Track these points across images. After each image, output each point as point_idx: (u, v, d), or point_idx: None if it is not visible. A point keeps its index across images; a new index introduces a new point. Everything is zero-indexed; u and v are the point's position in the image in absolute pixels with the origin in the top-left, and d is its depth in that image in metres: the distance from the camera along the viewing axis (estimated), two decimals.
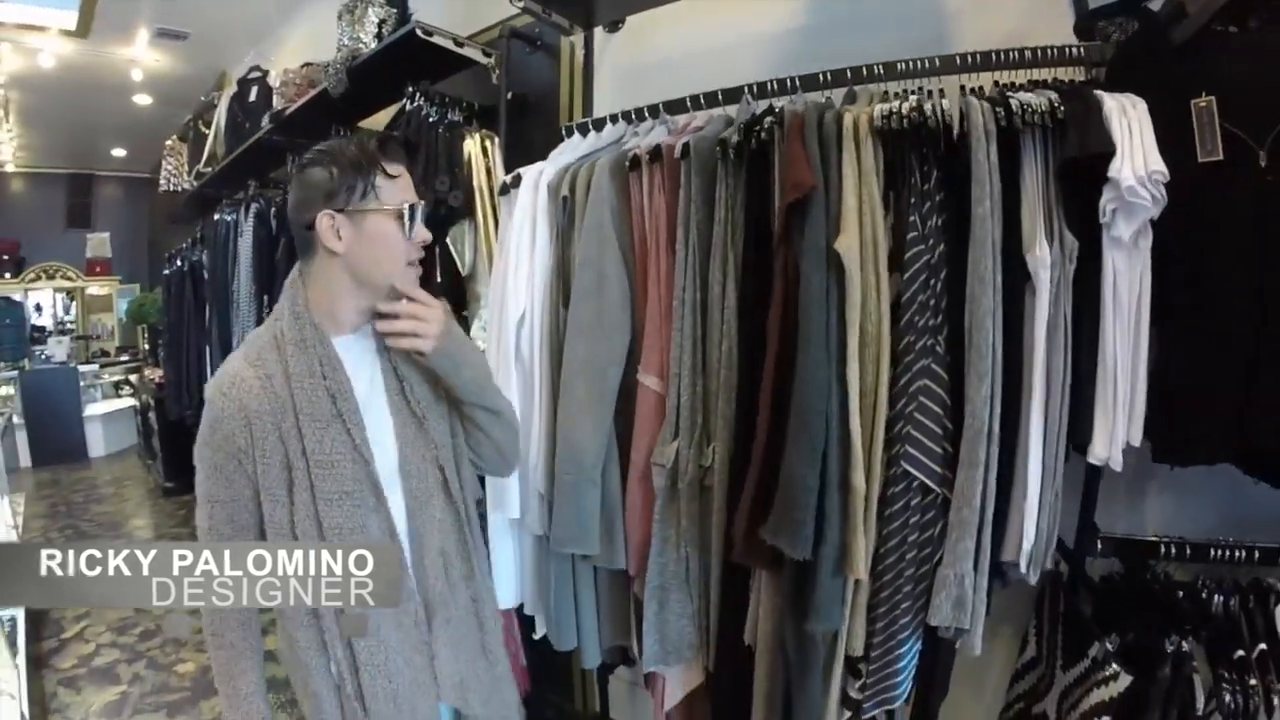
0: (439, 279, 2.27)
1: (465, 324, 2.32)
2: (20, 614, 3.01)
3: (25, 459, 7.07)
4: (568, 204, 1.59)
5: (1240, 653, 1.21)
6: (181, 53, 5.44)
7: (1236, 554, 1.30)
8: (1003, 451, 1.18)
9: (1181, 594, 1.35)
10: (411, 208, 1.07)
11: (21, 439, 7.03)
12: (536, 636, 1.79)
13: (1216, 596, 1.32)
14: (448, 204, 2.12)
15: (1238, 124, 1.16)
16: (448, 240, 2.21)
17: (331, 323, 1.09)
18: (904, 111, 1.19)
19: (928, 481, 1.21)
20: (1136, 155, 1.09)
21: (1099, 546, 1.40)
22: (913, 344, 1.21)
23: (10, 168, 8.59)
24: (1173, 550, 1.35)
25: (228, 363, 1.09)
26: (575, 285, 1.55)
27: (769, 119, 1.32)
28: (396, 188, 1.08)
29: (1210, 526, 1.42)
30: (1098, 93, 1.17)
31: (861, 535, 1.21)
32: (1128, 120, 1.11)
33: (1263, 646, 1.22)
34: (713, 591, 1.48)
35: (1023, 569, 1.25)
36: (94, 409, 7.64)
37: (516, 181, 1.70)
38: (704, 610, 1.51)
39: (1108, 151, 1.09)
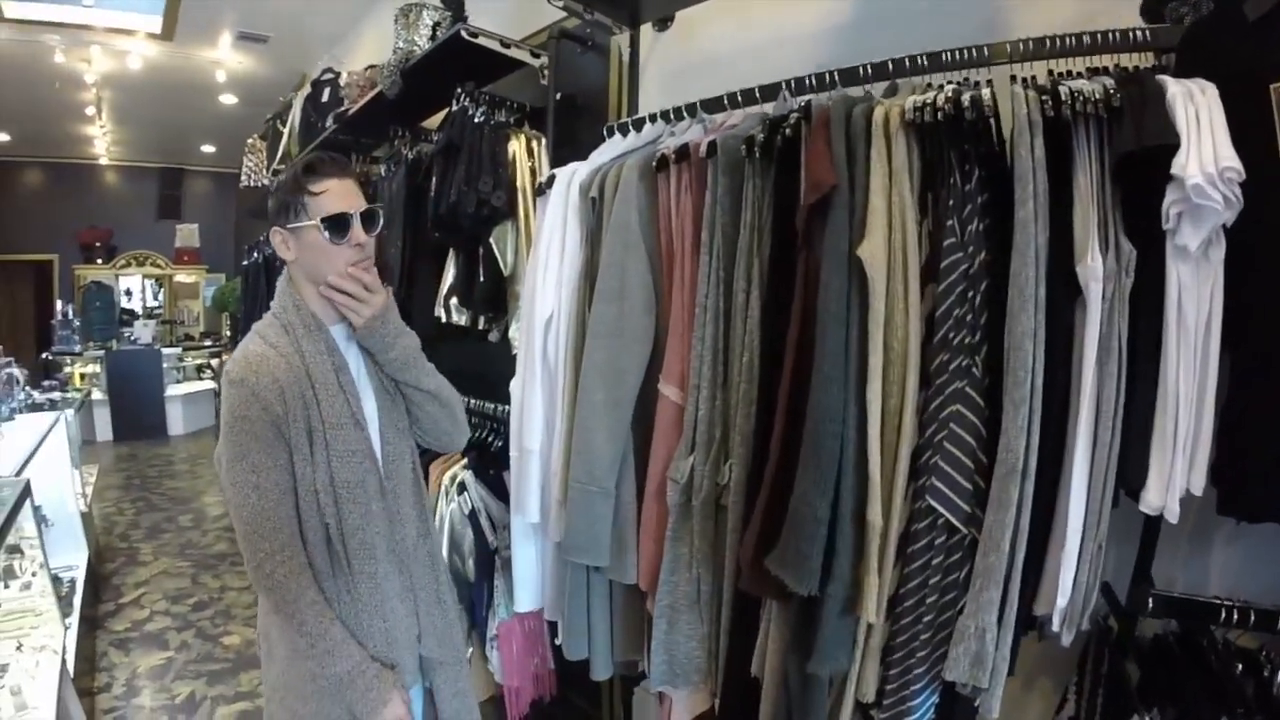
0: (481, 279, 2.27)
1: (507, 325, 2.31)
2: (80, 576, 3.19)
3: (107, 433, 7.54)
4: (597, 205, 1.54)
5: None
6: (263, 55, 5.71)
7: None
8: (1041, 492, 1.04)
9: (1240, 667, 1.19)
10: (335, 218, 1.22)
11: (103, 414, 7.48)
12: (557, 642, 1.75)
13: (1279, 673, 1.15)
14: (490, 204, 2.11)
15: None
16: (490, 240, 2.21)
17: (321, 314, 1.29)
18: (939, 103, 1.06)
19: (954, 520, 1.08)
20: (1205, 148, 0.92)
21: (1150, 604, 1.22)
22: (946, 364, 1.08)
23: (105, 160, 9.24)
24: (1234, 615, 1.17)
25: (245, 349, 1.24)
26: (598, 288, 1.49)
27: (795, 114, 1.23)
28: (321, 202, 1.23)
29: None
30: (1160, 77, 1.00)
31: (875, 574, 1.09)
32: (1194, 108, 0.94)
33: None
34: (724, 616, 1.39)
35: (1055, 627, 1.10)
36: (175, 390, 8.09)
37: (551, 182, 1.67)
38: (714, 635, 1.43)
39: (1170, 144, 0.93)
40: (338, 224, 1.22)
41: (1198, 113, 0.94)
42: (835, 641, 1.13)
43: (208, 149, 9.35)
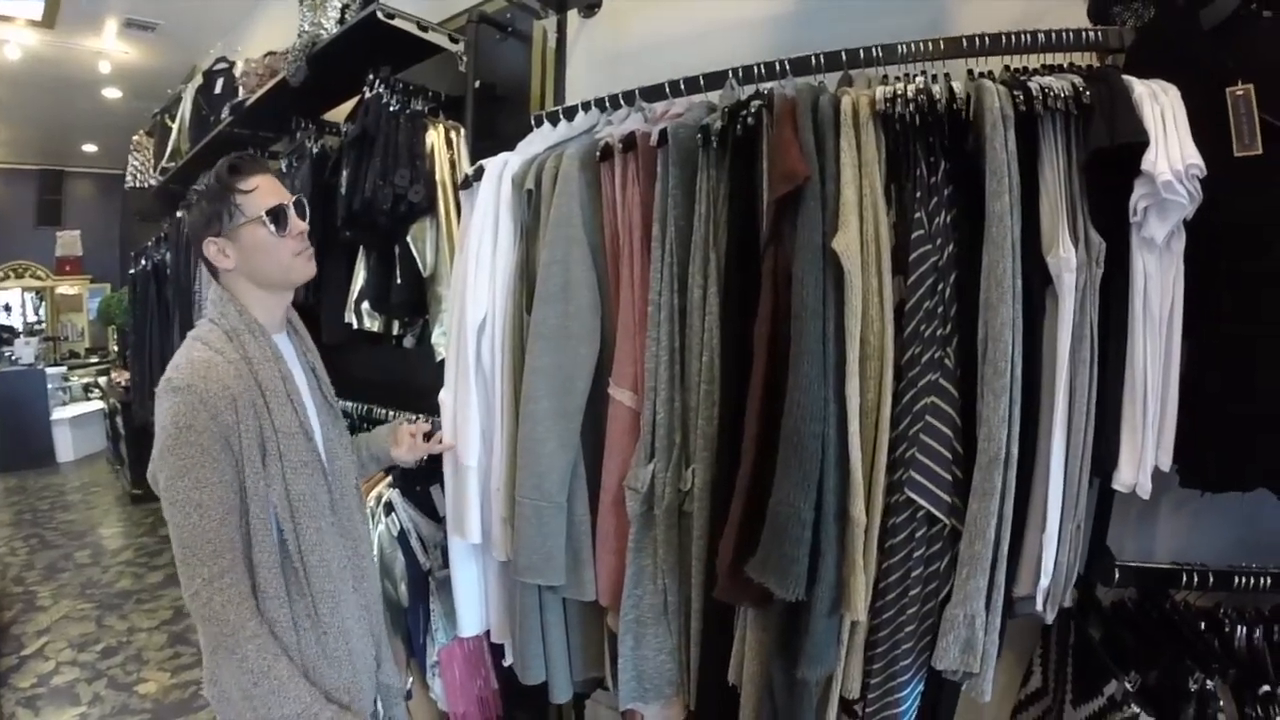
0: (398, 280, 2.12)
1: (426, 328, 2.18)
2: None
3: None
4: (532, 198, 1.45)
5: (1266, 688, 1.13)
6: (151, 44, 5.28)
7: (1262, 581, 1.21)
8: (1020, 478, 1.05)
9: (1204, 625, 1.25)
10: (274, 211, 1.21)
11: None
12: (506, 664, 1.66)
13: (1240, 628, 1.23)
14: (408, 199, 1.97)
15: (1278, 115, 1.04)
16: (408, 239, 2.06)
17: (265, 321, 1.24)
18: (910, 94, 1.05)
19: (935, 511, 1.08)
20: (1172, 147, 0.97)
21: (1116, 575, 1.28)
22: (918, 356, 1.07)
23: None
24: (1195, 579, 1.25)
25: (187, 355, 1.14)
26: (539, 288, 1.40)
27: (756, 102, 1.18)
28: (253, 198, 1.20)
29: (1225, 549, 1.34)
30: (1126, 77, 1.04)
31: (861, 572, 1.07)
32: (1159, 107, 0.99)
33: None
34: (693, 626, 1.34)
35: (1038, 606, 1.12)
36: (62, 412, 7.47)
37: (479, 174, 1.55)
38: (684, 645, 1.38)
39: (1140, 142, 0.97)
40: (277, 216, 1.21)
41: (1163, 112, 0.99)
42: (825, 643, 1.11)
43: (90, 148, 8.61)
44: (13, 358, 7.60)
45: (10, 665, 3.25)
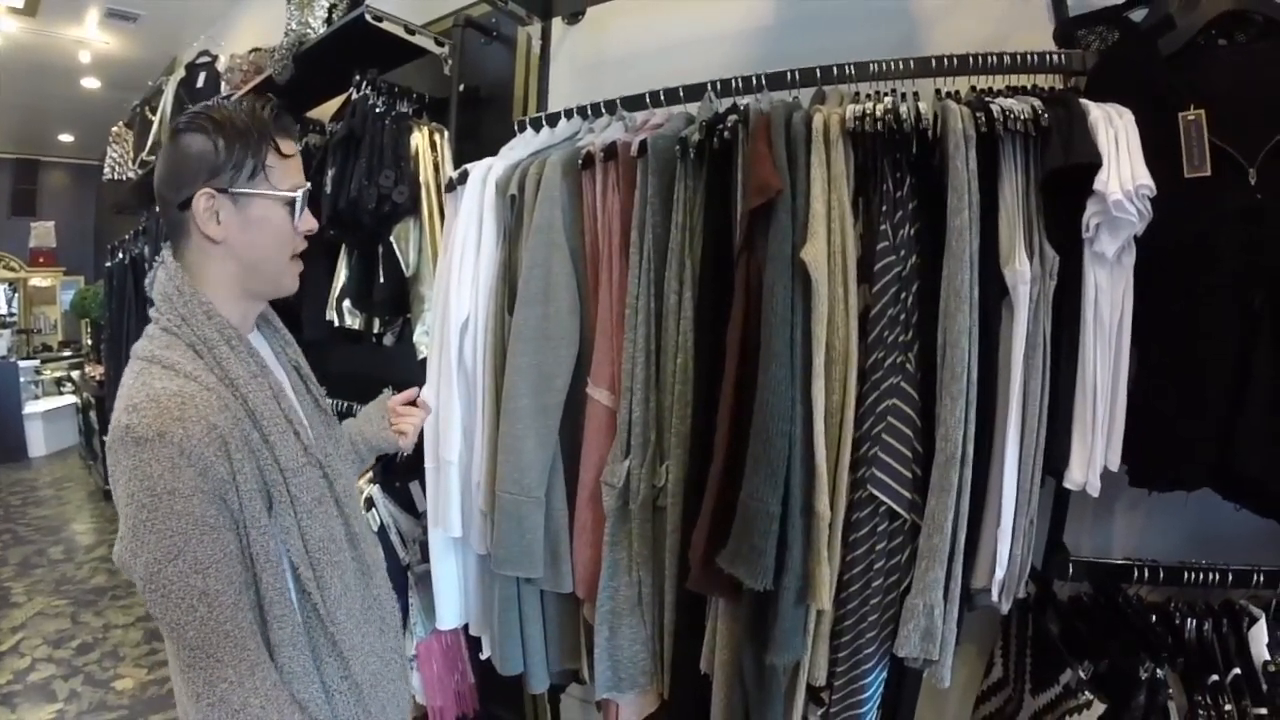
0: (381, 279, 2.16)
1: (408, 327, 2.21)
2: None
3: None
4: (516, 203, 1.49)
5: (1214, 677, 1.19)
6: (132, 35, 5.23)
7: (1210, 576, 1.27)
8: (976, 476, 1.11)
9: (1155, 618, 1.31)
10: (303, 194, 0.98)
11: None
12: (483, 657, 1.70)
13: (1189, 620, 1.29)
14: (392, 200, 2.00)
15: (1227, 140, 1.10)
16: (391, 239, 2.10)
17: (239, 322, 0.97)
18: (878, 114, 1.10)
19: (895, 507, 1.13)
20: (1124, 168, 1.02)
21: (1070, 570, 1.35)
22: (881, 361, 1.13)
23: None
24: (1145, 573, 1.32)
25: (147, 388, 0.84)
26: (521, 290, 1.44)
27: (733, 117, 1.23)
28: (289, 169, 0.97)
29: (1176, 546, 1.40)
30: (1083, 101, 1.10)
31: (826, 564, 1.13)
32: (1114, 130, 1.05)
33: (1236, 670, 1.19)
34: (667, 617, 1.39)
35: (994, 597, 1.18)
36: (34, 406, 7.39)
37: (463, 178, 1.59)
38: (658, 636, 1.43)
39: (1094, 163, 1.03)
40: (300, 203, 0.98)
41: (1117, 135, 1.04)
42: (792, 631, 1.15)
43: (66, 138, 8.47)
44: None
45: None
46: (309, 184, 1.00)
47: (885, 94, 1.25)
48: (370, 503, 1.99)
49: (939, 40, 1.60)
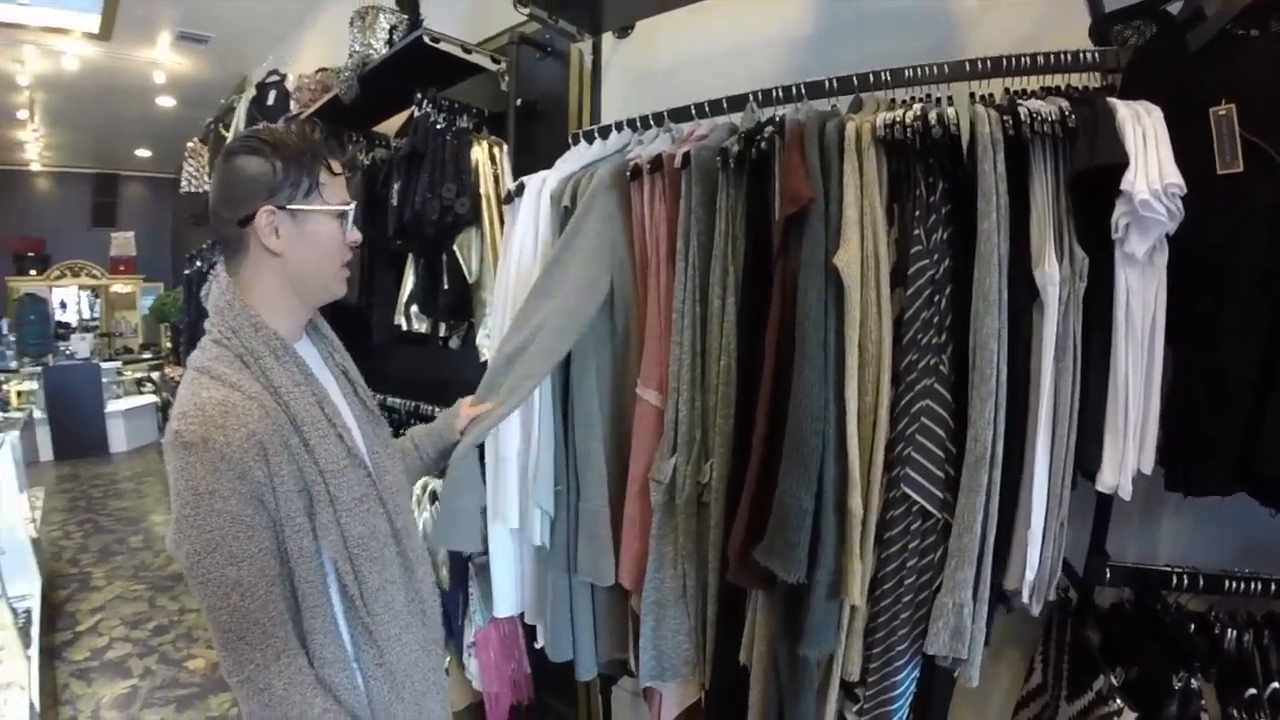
0: (445, 286, 2.28)
1: (472, 331, 2.32)
2: (36, 606, 3.08)
3: (47, 453, 7.25)
4: (569, 213, 1.57)
5: (1252, 691, 1.15)
6: (203, 56, 5.54)
7: (1253, 586, 1.22)
8: (1007, 478, 1.13)
9: (1193, 627, 1.28)
10: (350, 210, 1.07)
11: (44, 433, 7.19)
12: (537, 645, 1.78)
13: (1230, 631, 1.24)
14: (454, 211, 2.12)
15: (1260, 134, 1.07)
16: (454, 247, 2.22)
17: (285, 332, 1.05)
18: (907, 120, 1.14)
19: (928, 506, 1.16)
20: (1151, 167, 1.01)
21: (1108, 575, 1.34)
22: (915, 363, 1.16)
23: (37, 166, 8.83)
24: (1185, 581, 1.29)
25: (195, 398, 0.93)
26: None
27: (769, 128, 1.28)
28: (338, 186, 1.06)
29: (1227, 556, 1.36)
30: (1110, 100, 1.10)
31: (858, 560, 1.16)
32: (1142, 129, 1.04)
33: (1275, 685, 1.14)
34: (710, 609, 1.45)
35: (1024, 599, 1.19)
36: (116, 405, 7.81)
37: (520, 190, 1.68)
38: (701, 628, 1.48)
39: (1120, 163, 1.02)
40: (350, 217, 1.07)
41: (1144, 134, 1.03)
42: (824, 624, 1.19)
43: (143, 153, 9.00)
44: (69, 352, 7.97)
45: (65, 640, 3.44)
46: (354, 200, 1.09)
47: (920, 99, 1.27)
48: (435, 496, 2.10)
49: (978, 42, 1.61)
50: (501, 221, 2.05)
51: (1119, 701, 1.19)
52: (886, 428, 1.18)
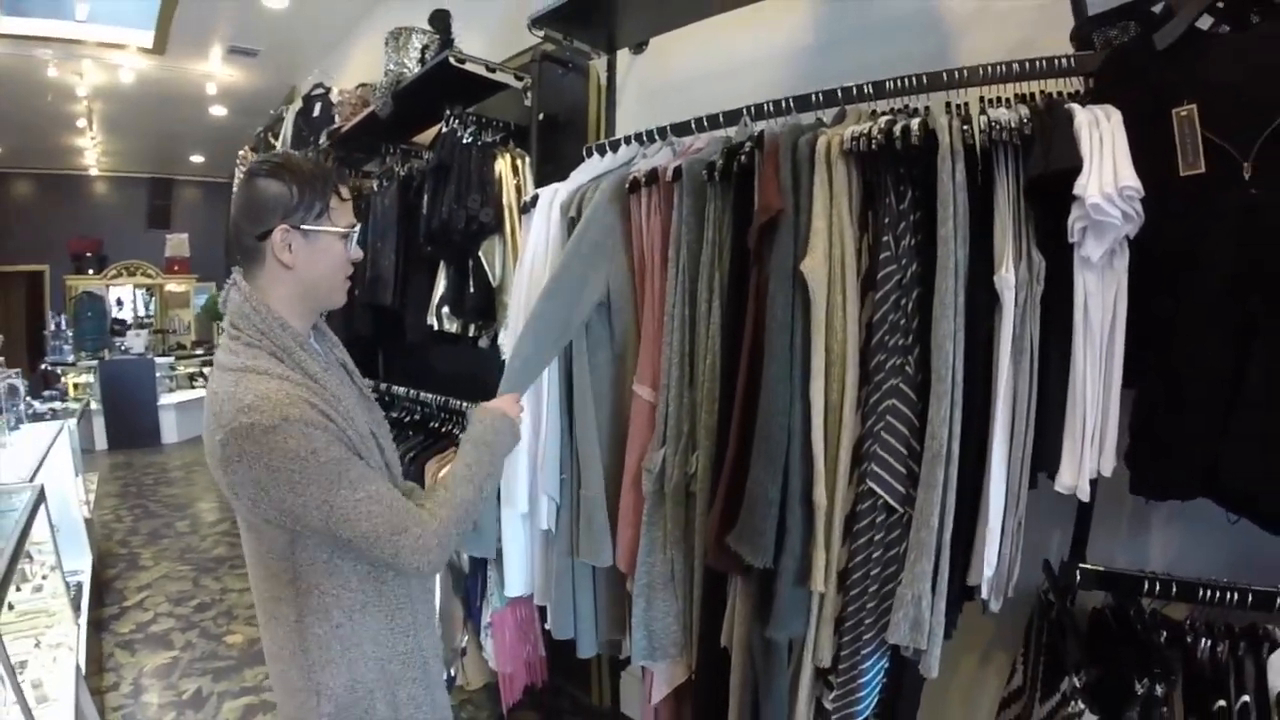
0: (472, 290, 2.41)
1: (496, 332, 2.45)
2: (86, 581, 3.29)
3: (102, 442, 7.60)
4: (575, 224, 1.68)
5: (1222, 703, 1.13)
6: (253, 68, 5.83)
7: (1229, 596, 1.20)
8: (967, 475, 1.17)
9: (1165, 634, 1.25)
10: (354, 230, 1.19)
11: (99, 424, 7.55)
12: (545, 627, 1.87)
13: (1204, 640, 1.22)
14: (479, 220, 2.25)
15: (1221, 133, 1.07)
16: (480, 254, 2.35)
17: (302, 330, 1.17)
18: (872, 133, 1.19)
19: (891, 500, 1.21)
20: (1105, 170, 1.02)
21: (1079, 578, 1.35)
22: (883, 363, 1.21)
23: (95, 171, 9.32)
24: (1156, 587, 1.28)
25: (254, 392, 1.01)
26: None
27: (749, 143, 1.37)
28: (345, 210, 1.17)
29: (1217, 565, 1.34)
30: (1069, 105, 1.11)
31: (822, 549, 1.23)
32: (1099, 133, 1.05)
33: (1246, 698, 1.11)
34: (695, 593, 1.53)
35: (984, 595, 1.23)
36: (168, 398, 8.14)
37: (534, 202, 1.80)
38: (688, 610, 1.57)
39: (1073, 167, 1.03)
40: (352, 238, 1.19)
41: (1101, 137, 1.05)
42: (790, 609, 1.27)
43: (197, 159, 9.44)
44: (124, 348, 8.36)
45: (112, 614, 3.64)
46: (358, 224, 1.22)
47: (896, 111, 1.32)
48: None
49: (971, 49, 1.65)
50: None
51: (1080, 703, 1.17)
52: (853, 425, 1.24)
